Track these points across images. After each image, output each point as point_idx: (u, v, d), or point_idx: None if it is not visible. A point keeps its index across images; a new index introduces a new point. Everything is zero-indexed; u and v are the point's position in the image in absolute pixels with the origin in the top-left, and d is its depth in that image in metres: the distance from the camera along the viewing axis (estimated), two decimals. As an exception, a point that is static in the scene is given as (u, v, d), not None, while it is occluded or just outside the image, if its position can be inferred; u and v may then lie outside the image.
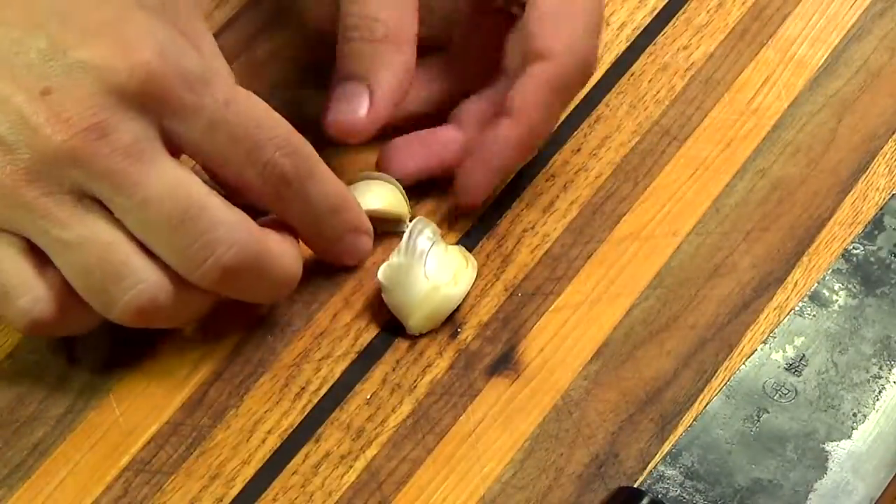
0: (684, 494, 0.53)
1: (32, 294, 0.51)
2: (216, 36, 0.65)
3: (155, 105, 0.50)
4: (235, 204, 0.52)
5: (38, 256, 0.51)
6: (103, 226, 0.50)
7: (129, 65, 0.49)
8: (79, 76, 0.49)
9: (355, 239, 0.57)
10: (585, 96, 0.64)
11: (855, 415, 0.55)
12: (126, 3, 0.51)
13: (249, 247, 0.52)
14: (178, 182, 0.50)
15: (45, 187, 0.50)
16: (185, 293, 0.52)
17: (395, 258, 0.57)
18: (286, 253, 0.54)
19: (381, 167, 0.60)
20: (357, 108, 0.57)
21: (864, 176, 0.62)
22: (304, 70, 0.65)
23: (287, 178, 0.53)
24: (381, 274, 0.57)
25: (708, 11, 0.67)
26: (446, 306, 0.57)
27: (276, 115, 0.53)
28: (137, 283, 0.51)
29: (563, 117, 0.63)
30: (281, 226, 0.55)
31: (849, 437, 0.55)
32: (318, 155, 0.54)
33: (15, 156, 0.49)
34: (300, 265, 0.55)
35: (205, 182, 0.52)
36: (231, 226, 0.51)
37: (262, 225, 0.53)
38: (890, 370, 0.57)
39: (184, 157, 0.53)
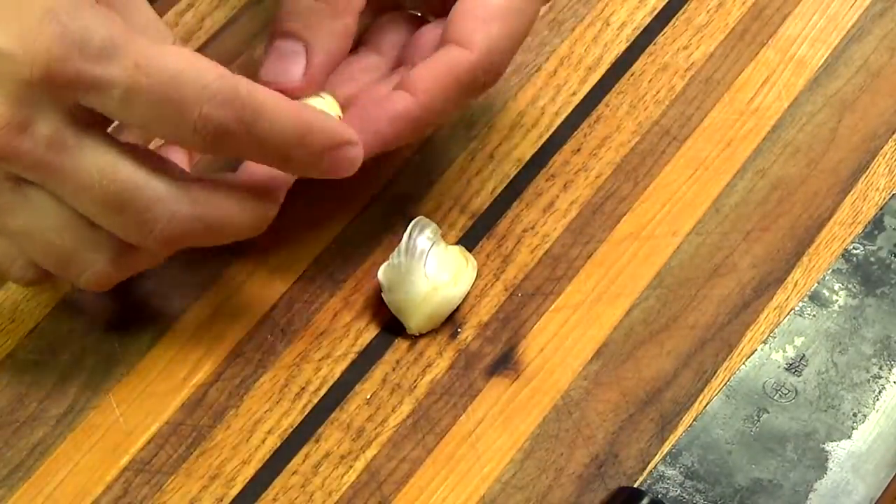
0: (684, 494, 0.53)
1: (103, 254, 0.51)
2: (216, 36, 0.65)
3: (66, 90, 0.48)
4: None
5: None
6: (47, 209, 0.50)
7: (30, 56, 0.47)
8: None
9: (336, 154, 0.53)
10: (585, 96, 0.64)
11: (855, 415, 0.55)
12: None
13: (191, 214, 0.51)
14: (106, 166, 0.49)
15: None
16: (139, 253, 0.52)
17: (395, 258, 0.57)
18: (236, 206, 0.52)
19: None
20: (292, 69, 0.56)
21: (864, 176, 0.62)
22: (304, 70, 0.65)
23: (229, 130, 0.49)
24: (382, 274, 0.57)
25: (708, 11, 0.67)
26: (446, 307, 0.57)
27: (204, 63, 0.49)
28: (90, 264, 0.51)
29: (563, 117, 0.63)
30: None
31: (849, 437, 0.55)
32: (261, 89, 0.50)
33: None
34: (261, 208, 0.53)
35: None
36: (167, 199, 0.50)
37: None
38: (890, 370, 0.57)
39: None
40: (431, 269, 0.57)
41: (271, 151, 0.51)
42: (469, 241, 0.60)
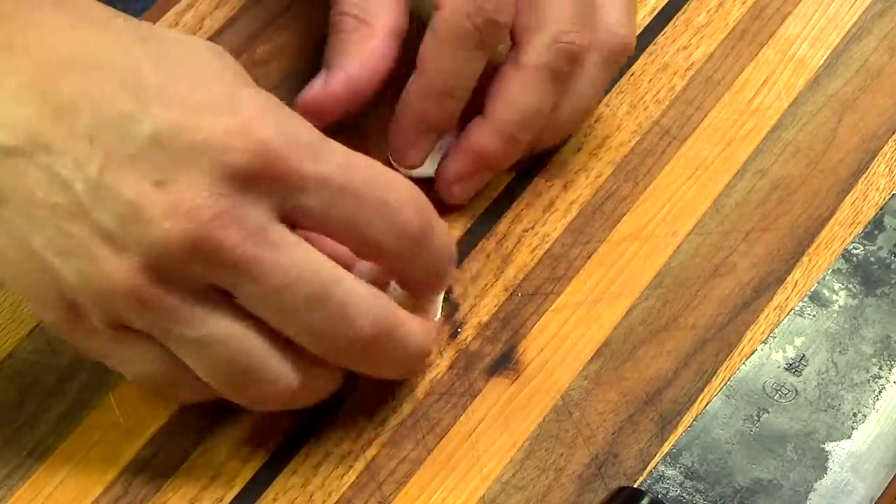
0: (684, 494, 0.53)
1: (280, 369, 0.50)
2: (216, 36, 0.65)
3: (279, 184, 0.47)
4: None
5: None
6: (231, 321, 0.48)
7: (250, 145, 0.46)
8: (194, 162, 0.46)
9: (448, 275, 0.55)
10: (585, 96, 0.64)
11: (855, 415, 0.55)
12: (233, 81, 0.49)
13: (385, 318, 0.50)
14: (309, 262, 0.48)
15: (166, 285, 0.47)
16: (317, 375, 0.51)
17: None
18: (418, 326, 0.52)
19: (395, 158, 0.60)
20: (311, 87, 0.58)
21: (864, 176, 0.62)
22: (304, 70, 0.65)
23: (417, 235, 0.51)
24: None
25: (708, 11, 0.67)
26: None
27: (390, 169, 0.51)
28: (272, 380, 0.50)
29: (563, 117, 0.63)
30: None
31: (849, 437, 0.55)
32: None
33: (128, 254, 0.46)
34: (431, 338, 0.54)
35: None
36: (365, 297, 0.50)
37: None
38: (890, 370, 0.57)
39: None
40: None
41: (434, 264, 0.53)
42: (469, 241, 0.60)
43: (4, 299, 0.58)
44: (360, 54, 0.57)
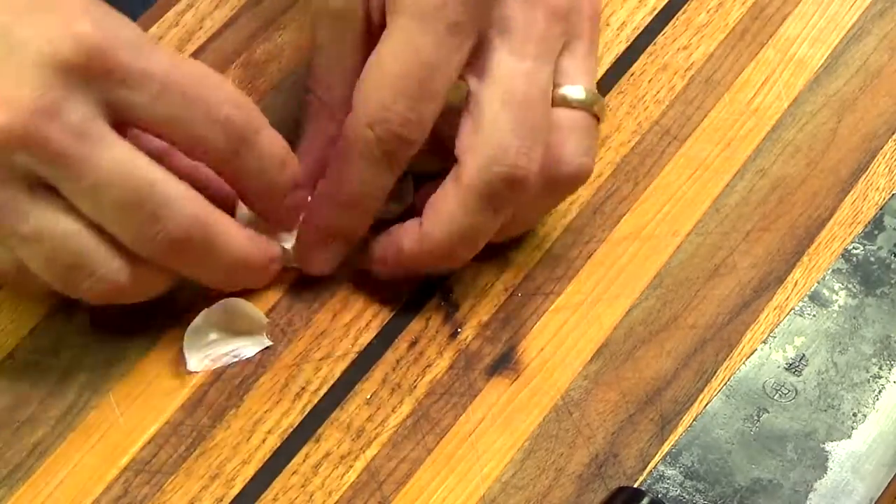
0: (684, 494, 0.53)
1: (108, 265, 0.51)
2: (216, 36, 0.65)
3: (102, 77, 0.49)
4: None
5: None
6: (57, 215, 0.50)
7: (73, 38, 0.48)
8: (19, 57, 0.48)
9: (295, 196, 0.56)
10: (585, 96, 0.64)
11: (855, 415, 0.55)
12: None
13: (200, 220, 0.52)
14: (126, 160, 0.50)
15: None
16: (144, 272, 0.52)
17: None
18: (240, 234, 0.54)
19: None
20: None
21: (864, 176, 0.62)
22: (304, 70, 0.65)
23: (243, 133, 0.52)
24: None
25: (708, 11, 0.67)
26: None
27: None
28: (96, 271, 0.51)
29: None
30: None
31: (849, 437, 0.55)
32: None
33: None
34: (257, 250, 0.55)
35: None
36: (181, 199, 0.51)
37: None
38: (890, 370, 0.57)
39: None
40: None
41: (262, 168, 0.53)
42: (469, 241, 0.60)
43: (4, 300, 0.58)
44: (318, 136, 0.57)
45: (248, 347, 0.57)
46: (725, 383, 0.56)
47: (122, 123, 0.51)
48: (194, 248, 0.52)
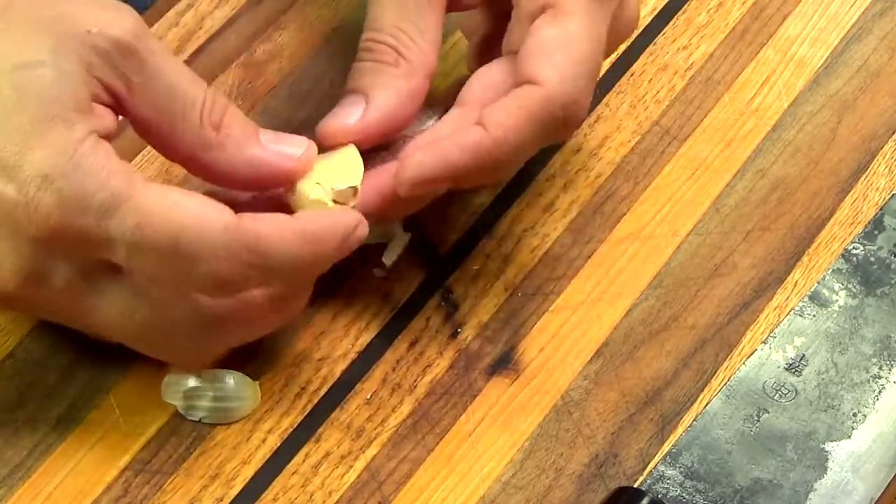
0: (684, 494, 0.53)
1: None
2: (216, 36, 0.65)
3: (73, 247, 0.49)
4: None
5: None
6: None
7: (34, 221, 0.48)
8: (3, 229, 0.49)
9: (348, 244, 0.53)
10: (585, 96, 0.64)
11: (855, 415, 0.55)
12: (30, 122, 0.48)
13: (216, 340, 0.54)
14: (125, 307, 0.51)
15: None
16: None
17: None
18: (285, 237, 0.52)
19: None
20: (348, 117, 0.55)
21: (864, 176, 0.62)
22: (303, 70, 0.65)
23: (239, 277, 0.50)
24: None
25: (708, 11, 0.67)
26: None
27: (209, 212, 0.49)
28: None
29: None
30: None
31: (849, 437, 0.55)
32: (264, 223, 0.50)
33: None
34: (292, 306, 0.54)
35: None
36: (189, 335, 0.52)
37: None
38: (890, 370, 0.57)
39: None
40: None
41: (290, 276, 0.52)
42: (469, 241, 0.60)
43: (4, 299, 0.59)
44: (400, 94, 0.56)
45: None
46: (725, 383, 0.56)
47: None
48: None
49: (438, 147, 0.54)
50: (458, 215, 0.61)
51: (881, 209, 0.61)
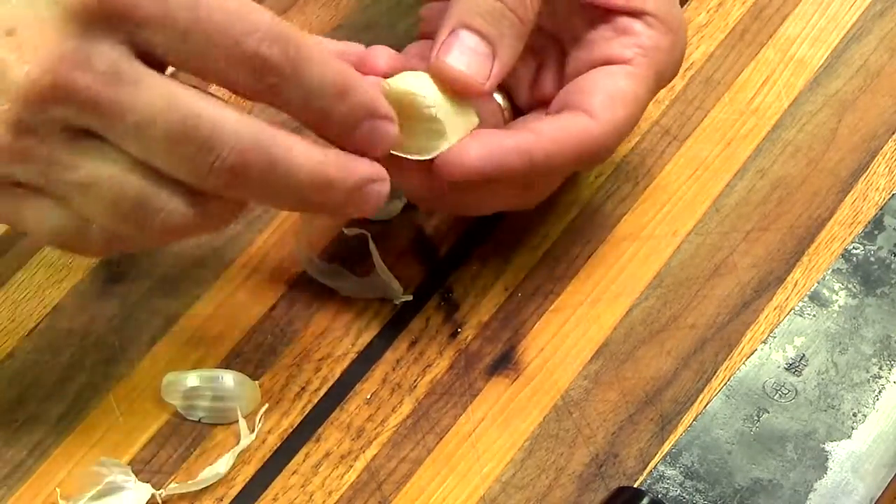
0: (684, 494, 0.53)
1: (171, 202, 0.50)
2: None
3: (121, 22, 0.47)
4: None
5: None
6: (108, 160, 0.49)
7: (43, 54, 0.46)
8: (39, 8, 0.47)
9: (373, 125, 0.52)
10: (585, 96, 0.64)
11: (855, 415, 0.55)
12: None
13: (254, 141, 0.49)
14: (167, 96, 0.48)
15: (39, 133, 0.47)
16: (208, 205, 0.50)
17: None
18: (300, 147, 0.50)
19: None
20: (482, 69, 0.55)
21: (864, 176, 0.62)
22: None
23: (277, 67, 0.49)
24: None
25: (708, 11, 0.67)
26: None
27: (254, 4, 0.49)
28: (162, 209, 0.49)
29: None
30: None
31: (849, 437, 0.55)
32: (310, 38, 0.50)
33: None
34: (324, 162, 0.51)
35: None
36: (231, 124, 0.49)
37: None
38: (890, 370, 0.57)
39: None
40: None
41: (314, 100, 0.50)
42: (470, 240, 0.60)
43: (5, 300, 0.58)
44: (515, 49, 0.55)
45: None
46: (725, 383, 0.56)
47: (155, 62, 0.49)
48: (256, 174, 0.49)
49: (489, 140, 0.54)
50: (457, 215, 0.61)
51: (881, 209, 0.61)
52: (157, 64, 0.49)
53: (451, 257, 0.60)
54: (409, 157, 0.53)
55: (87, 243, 0.51)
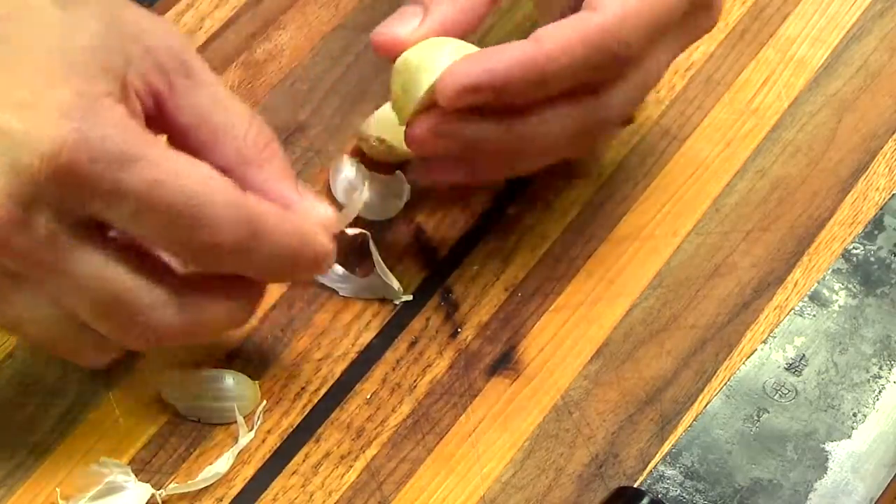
0: (684, 494, 0.53)
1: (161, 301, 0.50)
2: (216, 36, 0.65)
3: (73, 189, 0.47)
4: None
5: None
6: (40, 303, 0.49)
7: (42, 149, 0.46)
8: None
9: (316, 268, 0.53)
10: (585, 96, 0.64)
11: (855, 415, 0.55)
12: (60, 66, 0.47)
13: (180, 321, 0.50)
14: (100, 271, 0.48)
15: (24, 233, 0.47)
16: (200, 304, 0.51)
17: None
18: (224, 308, 0.52)
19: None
20: (403, 26, 0.55)
21: (864, 176, 0.62)
22: (303, 70, 0.65)
23: (234, 250, 0.49)
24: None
25: (708, 11, 0.67)
26: None
27: (217, 183, 0.49)
28: (151, 308, 0.50)
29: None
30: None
31: (849, 437, 0.55)
32: (266, 206, 0.50)
33: None
34: (247, 306, 0.53)
35: None
36: (157, 308, 0.50)
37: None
38: (890, 370, 0.57)
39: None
40: None
41: (267, 268, 0.51)
42: (469, 240, 0.60)
43: (4, 299, 0.58)
44: (458, 6, 0.55)
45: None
46: (725, 383, 0.56)
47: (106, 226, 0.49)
48: (251, 247, 0.50)
49: (485, 55, 0.53)
50: (458, 215, 0.61)
51: (881, 209, 0.61)
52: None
53: (451, 257, 0.60)
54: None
55: (78, 347, 0.52)
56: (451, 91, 0.52)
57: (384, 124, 0.60)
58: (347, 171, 0.61)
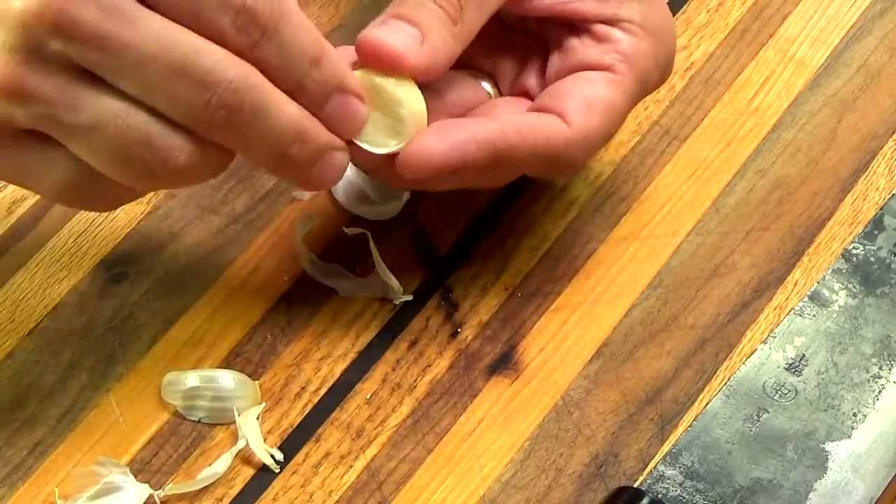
0: (684, 494, 0.53)
1: (169, 142, 0.49)
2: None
3: (69, 40, 0.47)
4: None
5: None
6: (108, 100, 0.49)
7: (31, 4, 0.46)
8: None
9: (345, 101, 0.52)
10: (585, 96, 0.64)
11: (855, 415, 0.55)
12: None
13: (246, 82, 0.49)
14: (166, 33, 0.48)
15: (41, 68, 0.48)
16: (204, 148, 0.50)
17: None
18: (282, 96, 0.50)
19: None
20: (410, 46, 0.54)
21: (864, 176, 0.62)
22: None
23: (261, 22, 0.49)
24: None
25: (708, 11, 0.67)
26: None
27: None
28: (162, 150, 0.49)
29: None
30: None
31: (849, 437, 0.55)
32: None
33: None
34: (301, 115, 0.51)
35: None
36: (227, 63, 0.49)
37: None
38: (890, 370, 0.57)
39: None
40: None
41: (289, 62, 0.50)
42: (470, 240, 0.60)
43: (5, 300, 0.58)
44: (448, 37, 0.54)
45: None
46: (725, 383, 0.56)
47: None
48: (247, 115, 0.49)
49: (451, 130, 0.53)
50: (458, 215, 0.61)
51: (881, 209, 0.61)
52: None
53: (451, 257, 0.60)
54: (371, 149, 0.53)
55: (94, 194, 0.51)
56: (422, 168, 0.53)
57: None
58: (348, 171, 0.61)
